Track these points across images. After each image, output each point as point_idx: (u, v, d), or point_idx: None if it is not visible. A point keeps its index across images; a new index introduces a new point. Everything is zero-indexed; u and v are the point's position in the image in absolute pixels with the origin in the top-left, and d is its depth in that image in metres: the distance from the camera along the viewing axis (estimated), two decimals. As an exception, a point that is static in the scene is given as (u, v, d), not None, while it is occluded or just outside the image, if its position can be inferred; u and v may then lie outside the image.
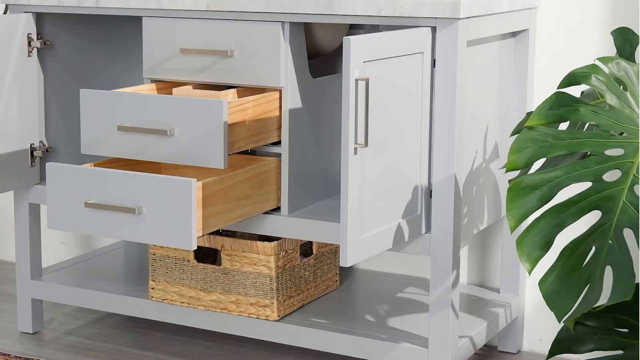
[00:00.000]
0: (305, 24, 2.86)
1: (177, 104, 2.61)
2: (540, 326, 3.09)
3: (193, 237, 2.49)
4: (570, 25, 2.96)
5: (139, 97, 2.65)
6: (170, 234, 2.51)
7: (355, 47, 2.33)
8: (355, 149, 2.37)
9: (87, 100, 2.70)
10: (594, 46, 2.94)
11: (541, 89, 3.00)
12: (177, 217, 2.49)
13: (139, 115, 2.65)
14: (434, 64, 2.58)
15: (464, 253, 3.20)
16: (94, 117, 2.71)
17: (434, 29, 2.57)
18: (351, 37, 2.31)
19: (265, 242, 2.86)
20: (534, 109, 2.98)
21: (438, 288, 2.63)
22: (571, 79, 2.30)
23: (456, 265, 2.63)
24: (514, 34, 2.91)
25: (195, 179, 2.49)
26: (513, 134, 2.58)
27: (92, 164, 2.76)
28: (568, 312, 2.19)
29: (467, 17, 2.56)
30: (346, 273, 3.28)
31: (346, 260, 2.38)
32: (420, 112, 2.59)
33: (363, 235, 2.44)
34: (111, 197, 2.56)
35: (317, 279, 3.04)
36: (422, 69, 2.56)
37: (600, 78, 2.28)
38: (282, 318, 2.88)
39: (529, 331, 3.11)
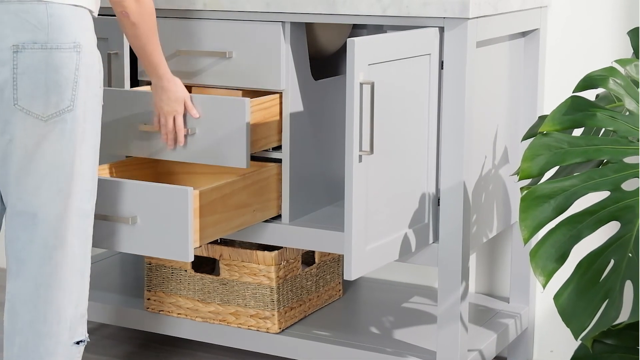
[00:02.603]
0: (307, 23, 2.75)
1: (198, 102, 2.55)
2: (551, 337, 3.00)
3: (190, 248, 2.38)
4: (582, 24, 2.86)
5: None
6: (165, 245, 2.40)
7: (360, 49, 2.23)
8: (360, 156, 2.27)
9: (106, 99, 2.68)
10: (607, 46, 2.84)
11: (552, 91, 2.90)
12: (173, 227, 2.39)
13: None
14: (442, 65, 2.48)
15: (471, 261, 3.09)
16: (112, 117, 2.67)
17: (441, 30, 2.47)
18: (356, 39, 2.21)
19: (266, 252, 2.75)
20: (545, 112, 2.89)
21: (446, 300, 2.53)
22: (587, 82, 2.19)
23: (465, 276, 2.53)
24: (523, 34, 2.81)
25: (192, 188, 2.39)
26: (524, 138, 2.48)
27: (109, 164, 2.72)
28: (585, 329, 2.09)
29: (477, 17, 2.45)
30: (349, 282, 3.18)
31: (350, 274, 2.28)
32: (428, 117, 2.49)
33: (368, 246, 2.34)
34: (104, 206, 2.45)
35: (320, 288, 2.93)
36: (430, 71, 2.47)
37: (618, 81, 2.17)
38: (283, 330, 2.79)
39: (540, 342, 3.01)
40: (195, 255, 2.89)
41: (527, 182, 2.78)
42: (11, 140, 2.14)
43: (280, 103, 2.66)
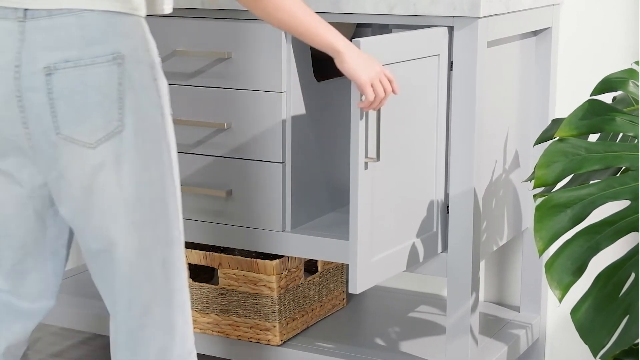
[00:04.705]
0: (309, 22, 2.65)
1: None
2: (563, 348, 2.90)
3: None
4: (595, 22, 2.76)
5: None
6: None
7: (366, 51, 2.12)
8: (366, 163, 2.16)
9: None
10: (622, 45, 2.74)
11: (564, 92, 2.79)
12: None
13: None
14: (451, 67, 2.38)
15: (480, 268, 2.99)
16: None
17: (450, 29, 2.37)
18: (361, 39, 2.10)
19: (267, 260, 2.65)
20: (557, 114, 2.79)
21: (455, 312, 2.42)
22: (606, 84, 2.09)
23: (475, 287, 2.42)
24: (535, 33, 2.71)
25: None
26: (537, 142, 2.37)
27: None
28: (604, 347, 1.98)
29: (487, 16, 2.35)
30: (353, 289, 3.08)
31: (356, 287, 2.18)
32: (436, 120, 2.38)
33: (374, 258, 2.23)
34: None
35: (323, 298, 2.83)
36: (438, 72, 2.36)
37: (638, 84, 2.07)
38: (284, 342, 2.69)
39: (552, 353, 2.91)
40: (193, 264, 2.79)
41: (540, 189, 2.67)
42: (61, 176, 1.86)
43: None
